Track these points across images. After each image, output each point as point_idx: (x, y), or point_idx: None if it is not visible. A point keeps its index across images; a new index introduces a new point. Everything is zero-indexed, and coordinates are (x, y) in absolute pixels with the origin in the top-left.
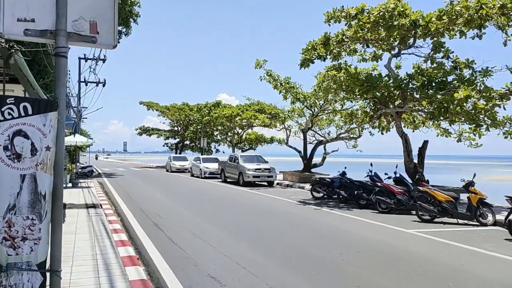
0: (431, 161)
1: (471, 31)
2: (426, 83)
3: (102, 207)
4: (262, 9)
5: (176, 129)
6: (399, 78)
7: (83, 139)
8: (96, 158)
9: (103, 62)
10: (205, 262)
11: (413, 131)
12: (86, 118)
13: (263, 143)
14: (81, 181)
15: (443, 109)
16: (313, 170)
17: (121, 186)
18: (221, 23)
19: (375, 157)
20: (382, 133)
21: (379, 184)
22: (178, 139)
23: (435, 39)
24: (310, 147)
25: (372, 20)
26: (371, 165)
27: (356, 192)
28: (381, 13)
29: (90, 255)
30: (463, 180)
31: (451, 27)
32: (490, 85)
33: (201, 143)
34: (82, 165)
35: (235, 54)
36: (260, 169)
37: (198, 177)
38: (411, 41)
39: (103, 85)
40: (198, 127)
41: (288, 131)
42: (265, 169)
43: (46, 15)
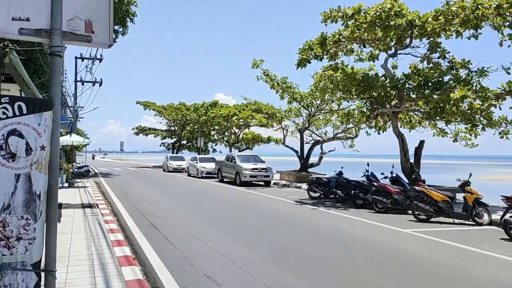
0: (427, 161)
1: (467, 31)
2: (422, 83)
3: (98, 207)
4: (260, 9)
5: (173, 128)
6: (396, 78)
7: (80, 139)
8: (93, 158)
9: (100, 61)
10: (201, 261)
11: (410, 131)
12: (82, 117)
13: (260, 143)
14: (77, 181)
15: (439, 109)
16: (310, 170)
17: (117, 186)
18: (219, 23)
19: (371, 157)
20: (378, 133)
21: (376, 184)
22: (175, 139)
23: (432, 39)
24: (307, 147)
25: (368, 20)
26: (368, 165)
27: (352, 191)
28: (378, 13)
29: (86, 255)
30: (459, 179)
31: (447, 27)
32: (486, 85)
33: (198, 142)
34: (78, 165)
35: (233, 54)
36: (257, 169)
37: (195, 177)
38: (408, 41)
39: (100, 85)
40: (195, 126)
41: (285, 130)
42: (262, 169)
43: (41, 14)
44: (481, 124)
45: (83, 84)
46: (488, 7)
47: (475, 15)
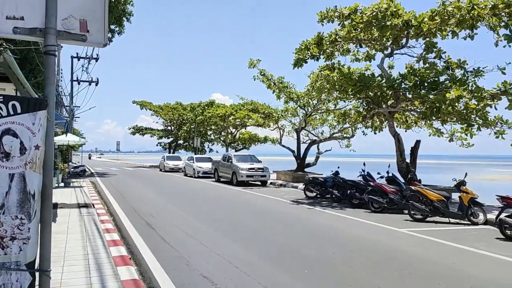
0: (423, 160)
1: (463, 32)
2: (418, 83)
3: (94, 207)
4: (260, 9)
5: (169, 128)
6: (392, 78)
7: (76, 139)
8: (89, 157)
9: (96, 61)
10: (197, 261)
11: (406, 131)
12: (78, 117)
13: (256, 143)
14: (73, 180)
15: (435, 109)
16: (306, 169)
17: (114, 185)
18: (216, 23)
19: (368, 156)
20: (375, 133)
21: (372, 183)
22: (171, 139)
23: (428, 39)
24: (303, 147)
25: (365, 20)
26: (364, 164)
27: (349, 191)
28: (374, 13)
29: (81, 255)
30: (454, 179)
31: (443, 28)
32: (481, 85)
33: (195, 142)
34: (74, 165)
35: (232, 54)
36: (253, 169)
37: (191, 177)
38: (404, 41)
39: (96, 84)
40: (191, 126)
41: (281, 130)
42: (259, 169)
43: (35, 13)
44: (477, 124)
45: (79, 83)
46: (483, 7)
47: (471, 15)
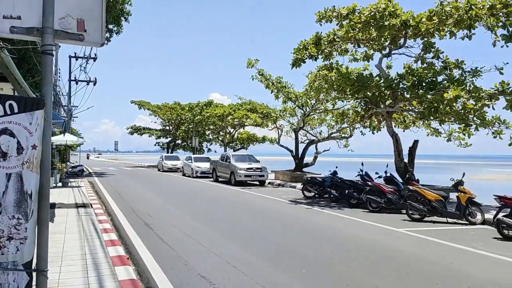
0: (421, 160)
1: (461, 32)
2: (416, 83)
3: (92, 207)
4: (260, 9)
5: (167, 128)
6: (390, 78)
7: (74, 138)
8: (87, 157)
9: (94, 60)
10: (195, 261)
11: (404, 131)
12: (76, 117)
13: (255, 143)
14: (71, 180)
15: (433, 109)
16: (304, 169)
17: (112, 185)
18: (214, 23)
19: (366, 156)
20: (373, 133)
21: (370, 183)
22: (169, 139)
23: (426, 39)
24: (301, 147)
25: (363, 20)
26: (362, 164)
27: (347, 191)
28: (372, 13)
29: (79, 255)
30: (452, 179)
31: (441, 28)
32: (479, 85)
33: (193, 142)
34: (72, 164)
35: (231, 54)
36: (251, 169)
37: (189, 177)
38: (402, 41)
39: (94, 84)
40: (189, 126)
41: (279, 130)
42: (257, 169)
43: (32, 13)
44: (475, 124)
45: (77, 83)
46: (481, 7)
47: (469, 15)
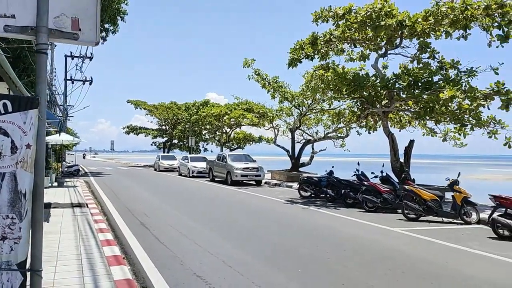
0: (417, 160)
1: (457, 32)
2: (412, 83)
3: (88, 207)
4: (260, 9)
5: (164, 128)
6: (386, 78)
7: (69, 138)
8: (83, 157)
9: (90, 60)
10: (191, 261)
11: (400, 131)
12: (72, 116)
13: (251, 142)
14: (67, 180)
15: (428, 109)
16: (301, 169)
17: (108, 185)
18: (212, 23)
19: (362, 156)
20: (369, 133)
21: (366, 183)
22: (166, 138)
23: (421, 39)
24: (298, 146)
25: (359, 20)
26: (358, 164)
27: (343, 191)
28: (368, 13)
29: (74, 255)
30: (448, 179)
31: (437, 28)
32: (474, 85)
33: (189, 142)
34: (68, 164)
35: (226, 53)
36: (248, 168)
37: (186, 176)
38: (398, 41)
39: (90, 83)
40: (186, 126)
41: (276, 130)
42: (253, 168)
43: (27, 12)
44: (470, 124)
45: (73, 82)
46: (477, 8)
47: (464, 15)
